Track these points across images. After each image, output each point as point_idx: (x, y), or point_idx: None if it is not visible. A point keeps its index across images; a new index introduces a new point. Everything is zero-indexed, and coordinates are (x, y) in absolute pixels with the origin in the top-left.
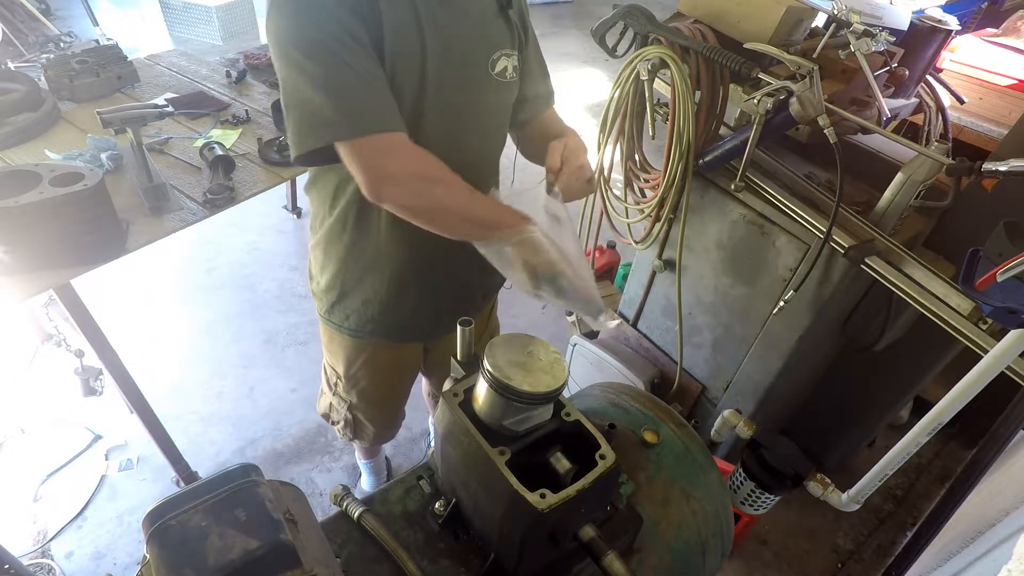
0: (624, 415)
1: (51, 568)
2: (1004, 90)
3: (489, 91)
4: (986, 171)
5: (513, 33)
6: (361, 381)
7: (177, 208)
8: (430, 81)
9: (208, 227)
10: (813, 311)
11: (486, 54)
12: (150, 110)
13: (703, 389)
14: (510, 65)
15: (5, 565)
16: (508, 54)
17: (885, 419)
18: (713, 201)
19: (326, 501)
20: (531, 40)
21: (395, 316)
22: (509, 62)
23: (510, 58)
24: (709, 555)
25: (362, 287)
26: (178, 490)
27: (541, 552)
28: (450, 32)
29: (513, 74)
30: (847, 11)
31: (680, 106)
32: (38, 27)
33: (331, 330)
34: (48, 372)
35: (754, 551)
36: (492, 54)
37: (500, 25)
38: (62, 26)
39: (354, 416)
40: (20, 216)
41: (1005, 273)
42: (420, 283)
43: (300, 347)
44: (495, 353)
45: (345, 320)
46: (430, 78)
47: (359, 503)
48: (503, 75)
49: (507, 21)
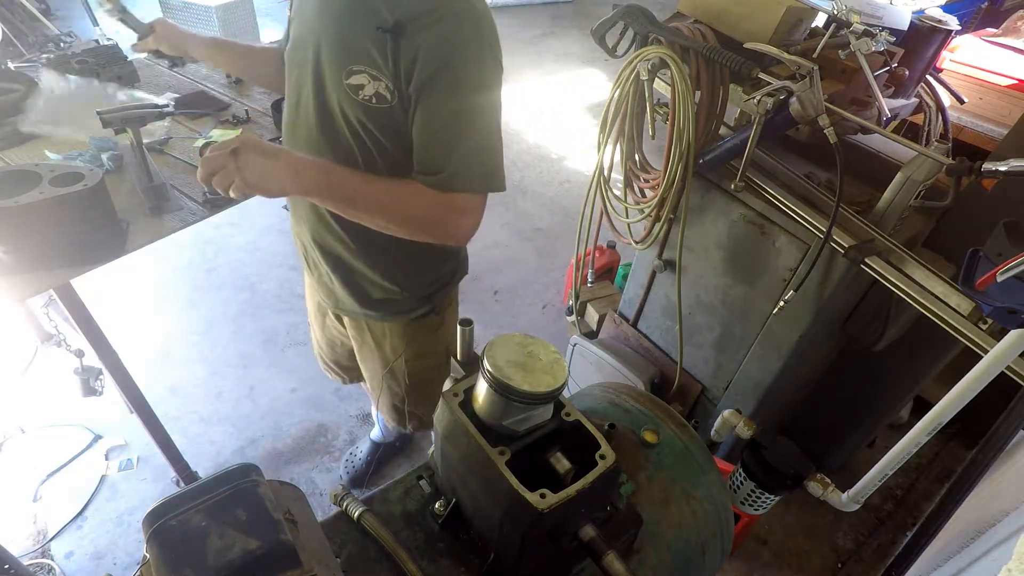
0: (624, 415)
1: (51, 568)
2: (1004, 90)
3: (334, 96)
4: (986, 171)
5: (387, 61)
6: (308, 303)
7: (177, 208)
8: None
9: (208, 227)
10: (813, 311)
11: (340, 61)
12: (150, 110)
13: (703, 389)
14: (371, 87)
15: (5, 565)
16: (374, 75)
17: (885, 419)
18: (713, 201)
19: (326, 501)
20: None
21: (304, 263)
22: (371, 84)
23: (376, 82)
24: (709, 555)
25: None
26: (178, 490)
27: (541, 552)
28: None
29: (373, 100)
30: (847, 11)
31: (680, 106)
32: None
33: None
34: (48, 372)
35: (754, 551)
36: (347, 65)
37: (368, 44)
38: (62, 26)
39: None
40: (20, 216)
41: (1005, 273)
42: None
43: (300, 347)
44: (495, 353)
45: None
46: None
47: (359, 503)
48: (356, 92)
49: (382, 44)
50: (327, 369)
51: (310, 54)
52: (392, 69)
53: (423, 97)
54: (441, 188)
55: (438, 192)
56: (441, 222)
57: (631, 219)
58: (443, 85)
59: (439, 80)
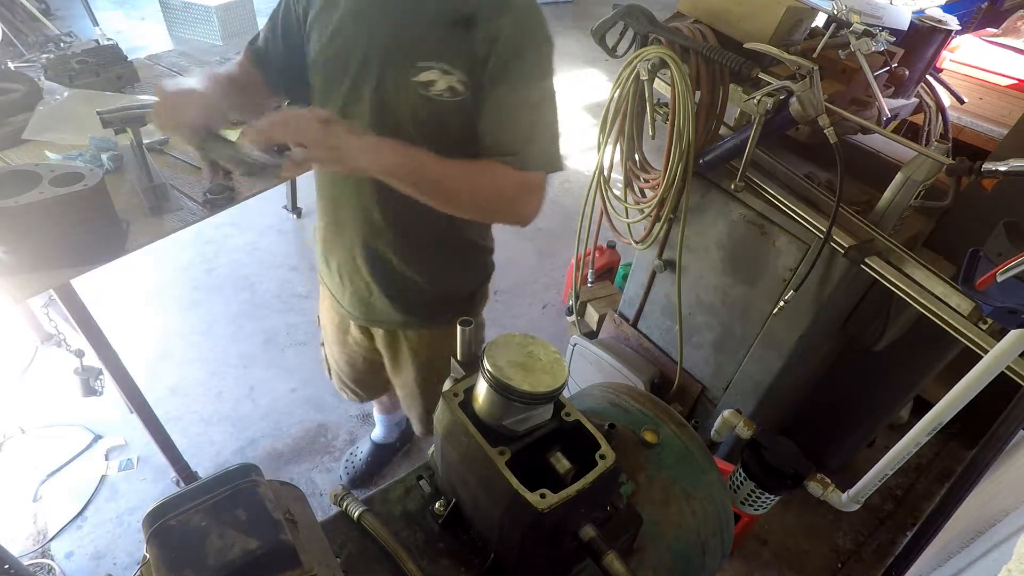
0: (624, 415)
1: (51, 568)
2: (1004, 90)
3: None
4: (986, 171)
5: (460, 54)
6: (324, 323)
7: (177, 208)
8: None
9: (208, 227)
10: (813, 311)
11: (404, 60)
12: (150, 110)
13: (703, 389)
14: (443, 81)
15: (5, 565)
16: (446, 70)
17: (885, 419)
18: (713, 201)
19: (326, 501)
20: (507, 80)
21: (331, 283)
22: (444, 79)
23: (448, 76)
24: (709, 555)
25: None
26: (178, 490)
27: (541, 552)
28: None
29: (446, 94)
30: (847, 11)
31: (680, 106)
32: (38, 27)
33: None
34: (48, 372)
35: (754, 551)
36: (414, 62)
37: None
38: (62, 26)
39: (325, 355)
40: (20, 216)
41: (1005, 273)
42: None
43: (300, 347)
44: (495, 353)
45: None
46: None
47: (359, 503)
48: (427, 88)
49: (455, 38)
50: (343, 389)
51: (357, 57)
52: (466, 61)
53: (497, 85)
54: (517, 168)
55: (514, 171)
56: (515, 201)
57: (631, 219)
58: (516, 73)
59: (512, 68)
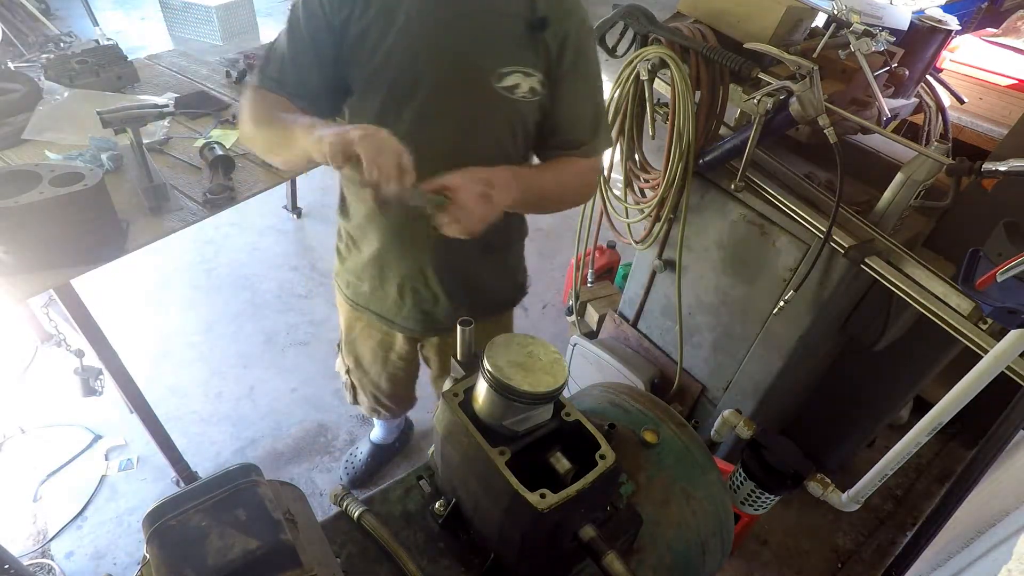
0: (624, 415)
1: (51, 568)
2: (1004, 90)
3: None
4: (986, 171)
5: (538, 55)
6: (357, 349)
7: (177, 208)
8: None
9: (208, 227)
10: (813, 311)
11: (485, 67)
12: (150, 110)
13: (703, 389)
14: (525, 84)
15: (5, 565)
16: (527, 72)
17: (885, 419)
18: (713, 201)
19: (326, 501)
20: (578, 75)
21: (381, 302)
22: (526, 81)
23: (530, 78)
24: (709, 555)
25: (352, 263)
26: (178, 490)
27: (541, 552)
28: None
29: (528, 95)
30: (847, 11)
31: (680, 106)
32: (38, 27)
33: (337, 290)
34: (48, 372)
35: (754, 551)
36: (496, 68)
37: (518, 43)
38: (62, 26)
39: (352, 382)
40: (20, 216)
41: (1005, 273)
42: (400, 277)
43: (300, 347)
44: (495, 353)
45: (346, 287)
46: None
47: (359, 503)
48: (512, 92)
49: (533, 41)
50: (377, 408)
51: (431, 76)
52: (543, 61)
53: (567, 81)
54: (589, 155)
55: (586, 160)
56: (591, 185)
57: (631, 219)
58: (583, 69)
59: (580, 64)
